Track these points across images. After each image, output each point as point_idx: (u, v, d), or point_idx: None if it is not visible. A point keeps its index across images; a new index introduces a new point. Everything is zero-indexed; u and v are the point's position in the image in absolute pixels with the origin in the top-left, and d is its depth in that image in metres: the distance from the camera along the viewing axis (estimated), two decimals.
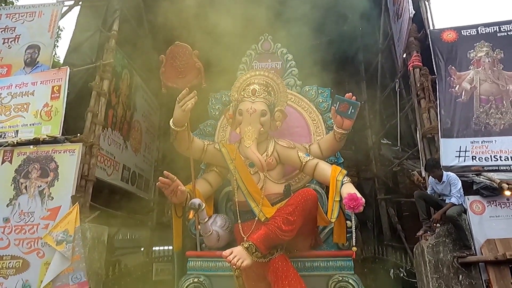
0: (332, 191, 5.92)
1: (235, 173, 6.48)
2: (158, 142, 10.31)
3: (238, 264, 5.29)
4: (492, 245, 4.96)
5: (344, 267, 6.09)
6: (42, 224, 5.55)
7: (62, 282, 5.19)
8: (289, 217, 5.57)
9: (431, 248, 5.10)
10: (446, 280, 4.92)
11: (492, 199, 5.25)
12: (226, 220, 6.57)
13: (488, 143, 5.80)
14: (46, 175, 5.85)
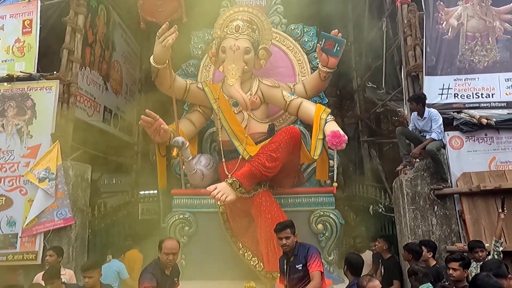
0: (315, 129, 5.95)
1: (219, 113, 6.42)
2: (140, 84, 10.04)
3: (222, 199, 5.40)
4: (468, 178, 5.15)
5: (325, 203, 6.30)
6: (22, 162, 5.47)
7: (47, 218, 5.23)
8: (272, 154, 5.63)
9: (410, 182, 5.26)
10: (422, 211, 5.14)
11: (470, 135, 5.37)
12: (211, 160, 6.61)
13: (471, 80, 5.82)
14: (23, 113, 5.68)
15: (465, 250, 4.61)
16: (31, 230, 5.18)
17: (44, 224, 5.20)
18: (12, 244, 5.17)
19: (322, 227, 6.11)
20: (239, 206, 5.87)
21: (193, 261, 6.10)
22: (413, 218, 5.12)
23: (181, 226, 6.22)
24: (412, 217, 5.12)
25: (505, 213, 4.37)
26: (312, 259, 3.63)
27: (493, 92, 5.71)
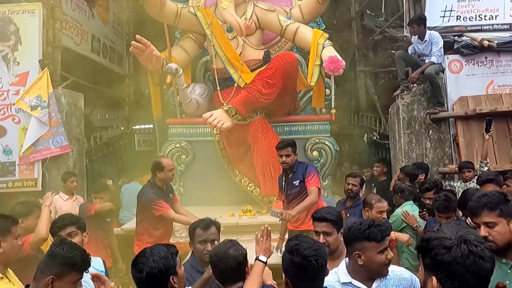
0: (313, 55, 5.79)
1: (212, 39, 6.17)
2: (128, 13, 9.53)
3: (218, 125, 5.38)
4: (464, 102, 5.15)
5: (321, 131, 6.35)
6: (12, 90, 5.32)
7: (43, 146, 5.21)
8: (269, 80, 5.53)
9: (406, 106, 5.26)
10: (417, 135, 5.20)
11: (470, 58, 5.27)
12: (205, 89, 6.49)
13: (475, 1, 5.58)
14: (6, 38, 5.40)
15: (456, 171, 4.74)
16: (28, 158, 5.18)
17: (40, 152, 5.19)
18: (11, 172, 5.20)
19: (317, 154, 6.21)
20: (235, 134, 5.88)
21: (191, 188, 6.24)
22: (408, 142, 5.19)
23: (178, 154, 6.28)
24: (407, 141, 5.18)
25: (490, 134, 4.41)
26: (310, 175, 3.72)
27: (497, 14, 5.51)
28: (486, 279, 1.20)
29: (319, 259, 1.66)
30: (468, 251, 1.19)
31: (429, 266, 1.24)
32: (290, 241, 1.79)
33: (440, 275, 1.20)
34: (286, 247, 1.76)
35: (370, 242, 1.85)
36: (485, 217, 1.86)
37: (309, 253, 1.65)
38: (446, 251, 1.21)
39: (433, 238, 1.27)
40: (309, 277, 1.68)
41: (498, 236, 1.83)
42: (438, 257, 1.21)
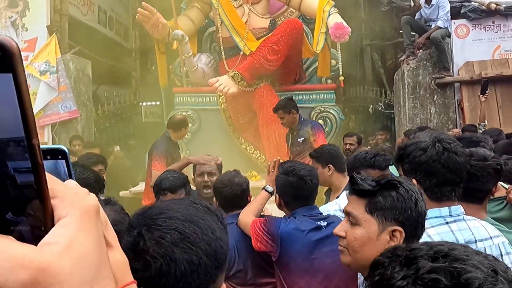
0: (318, 22, 5.78)
1: (218, 7, 6.16)
2: None
3: (224, 91, 5.45)
4: (470, 67, 5.14)
5: (326, 99, 6.37)
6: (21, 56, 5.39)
7: (53, 110, 5.32)
8: (274, 46, 5.55)
9: (411, 71, 5.27)
10: (421, 100, 5.22)
11: (477, 22, 5.23)
12: (211, 58, 6.53)
13: None
14: (14, 4, 5.45)
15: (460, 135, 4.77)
16: (38, 122, 5.28)
17: (50, 116, 5.30)
18: None
19: (322, 122, 6.20)
20: (241, 101, 5.94)
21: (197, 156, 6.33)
22: (412, 107, 5.22)
23: None
24: (411, 106, 5.21)
25: (486, 96, 4.40)
26: (317, 134, 3.81)
27: None
28: (460, 172, 1.27)
29: (313, 179, 1.76)
30: (443, 148, 1.25)
31: (408, 170, 1.31)
32: (284, 164, 1.88)
33: (419, 176, 1.27)
34: (281, 169, 1.85)
35: (374, 169, 1.93)
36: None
37: (304, 173, 1.75)
38: (423, 152, 1.26)
39: (409, 144, 1.34)
40: (304, 196, 1.78)
41: None
42: (416, 159, 1.27)
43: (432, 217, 1.22)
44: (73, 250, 0.27)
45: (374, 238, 1.03)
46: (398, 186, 1.04)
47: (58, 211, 0.28)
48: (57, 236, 0.27)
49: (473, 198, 1.44)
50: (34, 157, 0.27)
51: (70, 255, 0.26)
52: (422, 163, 1.27)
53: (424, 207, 1.06)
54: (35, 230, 0.27)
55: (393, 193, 1.03)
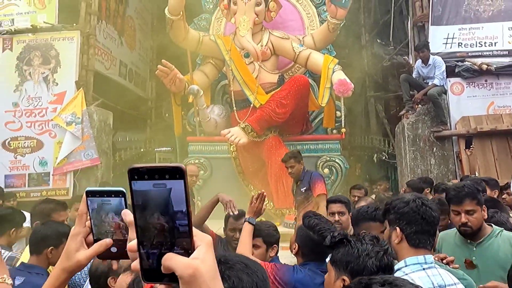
0: (323, 78, 6.25)
1: (231, 64, 6.71)
2: (152, 41, 10.27)
3: (235, 141, 5.82)
4: (466, 121, 5.47)
5: (331, 149, 6.70)
6: (50, 108, 5.90)
7: (76, 158, 5.71)
8: (282, 100, 5.98)
9: (411, 125, 5.61)
10: (421, 152, 5.52)
11: (471, 81, 5.64)
12: (223, 110, 6.99)
13: (475, 29, 6.01)
14: (48, 62, 6.04)
15: None
16: (62, 169, 5.68)
17: (73, 163, 5.69)
18: (45, 182, 5.69)
19: (328, 171, 6.52)
20: (250, 150, 6.29)
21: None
22: (413, 159, 5.51)
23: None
24: (412, 158, 5.50)
25: (471, 150, 4.71)
26: (315, 184, 4.08)
27: (496, 41, 5.91)
28: (434, 224, 1.59)
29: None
30: (421, 203, 1.57)
31: (392, 220, 1.62)
32: (309, 217, 2.05)
33: (402, 224, 1.57)
34: (306, 222, 2.02)
35: (375, 222, 2.20)
36: (467, 205, 2.19)
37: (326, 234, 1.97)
38: (405, 204, 1.58)
39: (394, 199, 1.69)
40: (321, 252, 1.98)
41: (475, 222, 2.17)
42: (400, 210, 1.58)
43: (411, 264, 1.50)
44: (206, 261, 0.57)
45: (332, 283, 1.33)
46: (347, 243, 1.34)
47: (196, 243, 0.59)
48: (198, 255, 0.57)
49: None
50: (189, 218, 0.58)
51: (205, 264, 0.56)
52: (404, 213, 1.58)
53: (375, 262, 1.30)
54: (185, 254, 0.58)
55: (344, 248, 1.34)
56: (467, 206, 2.18)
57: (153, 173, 0.59)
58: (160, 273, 0.60)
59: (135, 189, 0.60)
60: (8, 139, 5.85)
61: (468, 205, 2.17)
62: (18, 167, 5.78)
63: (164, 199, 0.58)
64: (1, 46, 6.06)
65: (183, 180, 0.59)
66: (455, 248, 2.26)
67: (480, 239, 2.18)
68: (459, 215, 2.20)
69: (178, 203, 0.58)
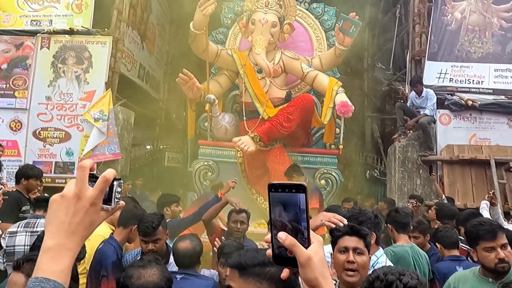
0: (327, 98, 6.94)
1: (244, 77, 7.36)
2: (168, 46, 10.91)
3: (245, 149, 6.47)
4: (451, 149, 6.18)
5: (329, 163, 7.37)
6: (80, 104, 6.50)
7: (100, 151, 6.31)
8: (289, 115, 6.65)
9: (402, 148, 6.31)
10: (409, 173, 6.21)
11: (458, 113, 6.36)
12: (233, 118, 7.63)
13: (465, 68, 6.74)
14: (81, 62, 6.65)
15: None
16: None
17: (97, 156, 6.28)
18: (70, 170, 6.29)
19: (324, 183, 7.18)
20: (256, 158, 6.93)
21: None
22: (401, 178, 6.19)
23: (205, 171, 7.30)
24: (400, 177, 6.19)
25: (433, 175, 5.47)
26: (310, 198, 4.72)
27: (483, 80, 6.64)
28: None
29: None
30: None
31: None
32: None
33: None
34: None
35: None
36: (502, 239, 2.10)
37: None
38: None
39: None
40: None
41: (510, 257, 2.07)
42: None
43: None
44: (318, 253, 0.82)
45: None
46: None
47: (312, 240, 0.81)
48: (313, 248, 0.81)
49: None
50: (308, 221, 0.82)
51: (317, 255, 0.81)
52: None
53: None
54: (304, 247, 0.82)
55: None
56: (502, 240, 2.10)
57: (286, 187, 0.81)
58: (286, 260, 0.80)
59: (272, 198, 0.82)
60: (39, 129, 6.44)
61: (502, 239, 2.10)
62: (46, 155, 6.37)
63: (293, 206, 0.78)
64: (40, 44, 6.66)
65: (305, 194, 0.78)
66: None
67: (503, 277, 2.07)
68: (494, 251, 2.07)
69: (302, 210, 0.80)
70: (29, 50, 6.66)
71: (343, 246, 1.82)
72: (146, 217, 2.63)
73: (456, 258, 3.09)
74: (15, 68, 6.60)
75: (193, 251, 2.55)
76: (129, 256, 2.70)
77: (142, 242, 2.56)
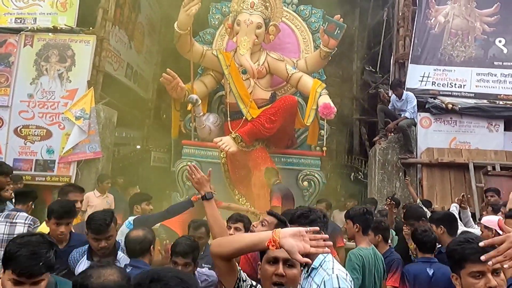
0: (311, 100, 6.94)
1: (229, 78, 7.37)
2: (159, 46, 10.91)
3: (226, 149, 6.47)
4: (430, 152, 6.20)
5: (312, 165, 7.36)
6: (62, 102, 6.50)
7: (81, 150, 6.32)
8: (271, 117, 6.66)
9: (382, 151, 6.32)
10: (389, 175, 6.22)
11: (438, 117, 6.38)
12: (218, 118, 7.63)
13: (448, 72, 6.77)
14: (64, 60, 6.66)
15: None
16: (67, 158, 6.27)
17: (77, 154, 6.29)
18: (51, 168, 6.28)
19: (307, 184, 7.18)
20: (239, 158, 6.93)
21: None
22: (381, 180, 6.21)
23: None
24: (380, 179, 6.20)
25: (407, 179, 5.50)
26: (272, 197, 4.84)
27: (465, 84, 6.67)
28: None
29: None
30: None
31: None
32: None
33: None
34: None
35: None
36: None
37: None
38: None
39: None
40: None
41: (503, 284, 1.63)
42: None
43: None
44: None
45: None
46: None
47: None
48: None
49: None
50: None
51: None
52: None
53: None
54: None
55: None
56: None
57: None
58: None
59: None
60: (20, 126, 6.44)
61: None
62: (27, 152, 6.36)
63: None
64: (23, 41, 6.67)
65: None
66: None
67: None
68: (483, 277, 1.60)
69: None
70: (12, 47, 6.67)
71: (273, 257, 1.61)
72: (97, 214, 2.63)
73: (427, 260, 3.07)
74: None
75: (144, 239, 2.58)
76: (76, 253, 2.70)
77: (94, 240, 2.57)
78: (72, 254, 2.72)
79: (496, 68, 6.63)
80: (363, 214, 2.98)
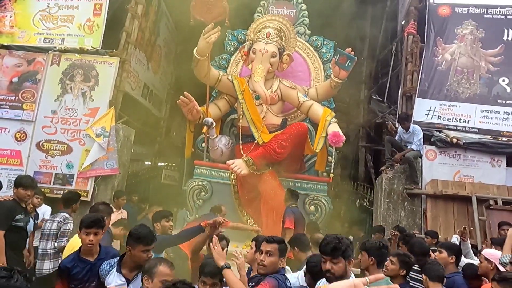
0: (320, 127, 7.23)
1: (243, 103, 7.68)
2: (173, 67, 11.33)
3: (238, 172, 6.73)
4: (435, 184, 6.42)
5: (319, 190, 7.57)
6: (83, 120, 6.82)
7: (99, 166, 6.59)
8: (283, 142, 6.94)
9: (388, 180, 6.55)
10: (394, 204, 6.43)
11: (443, 150, 6.63)
12: (230, 141, 7.91)
13: (453, 107, 7.06)
14: (88, 80, 7.02)
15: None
16: (85, 173, 6.54)
17: (96, 170, 6.56)
18: (69, 182, 6.55)
19: (314, 209, 7.37)
20: (249, 181, 7.16)
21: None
22: (386, 209, 6.41)
23: (199, 191, 7.52)
24: (385, 208, 6.41)
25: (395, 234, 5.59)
26: (285, 218, 5.06)
27: (469, 119, 6.95)
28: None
29: None
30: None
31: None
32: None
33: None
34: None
35: None
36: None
37: None
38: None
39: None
40: None
41: None
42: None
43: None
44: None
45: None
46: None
47: None
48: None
49: None
50: None
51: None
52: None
53: None
54: None
55: None
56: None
57: None
58: None
59: None
60: (43, 141, 6.75)
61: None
62: (47, 166, 6.65)
63: None
64: (50, 60, 7.05)
65: None
66: None
67: None
68: None
69: None
70: (40, 65, 7.05)
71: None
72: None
73: None
74: (25, 82, 6.97)
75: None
76: (107, 265, 2.93)
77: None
78: (102, 266, 2.92)
79: (500, 106, 6.92)
80: (380, 248, 3.02)
